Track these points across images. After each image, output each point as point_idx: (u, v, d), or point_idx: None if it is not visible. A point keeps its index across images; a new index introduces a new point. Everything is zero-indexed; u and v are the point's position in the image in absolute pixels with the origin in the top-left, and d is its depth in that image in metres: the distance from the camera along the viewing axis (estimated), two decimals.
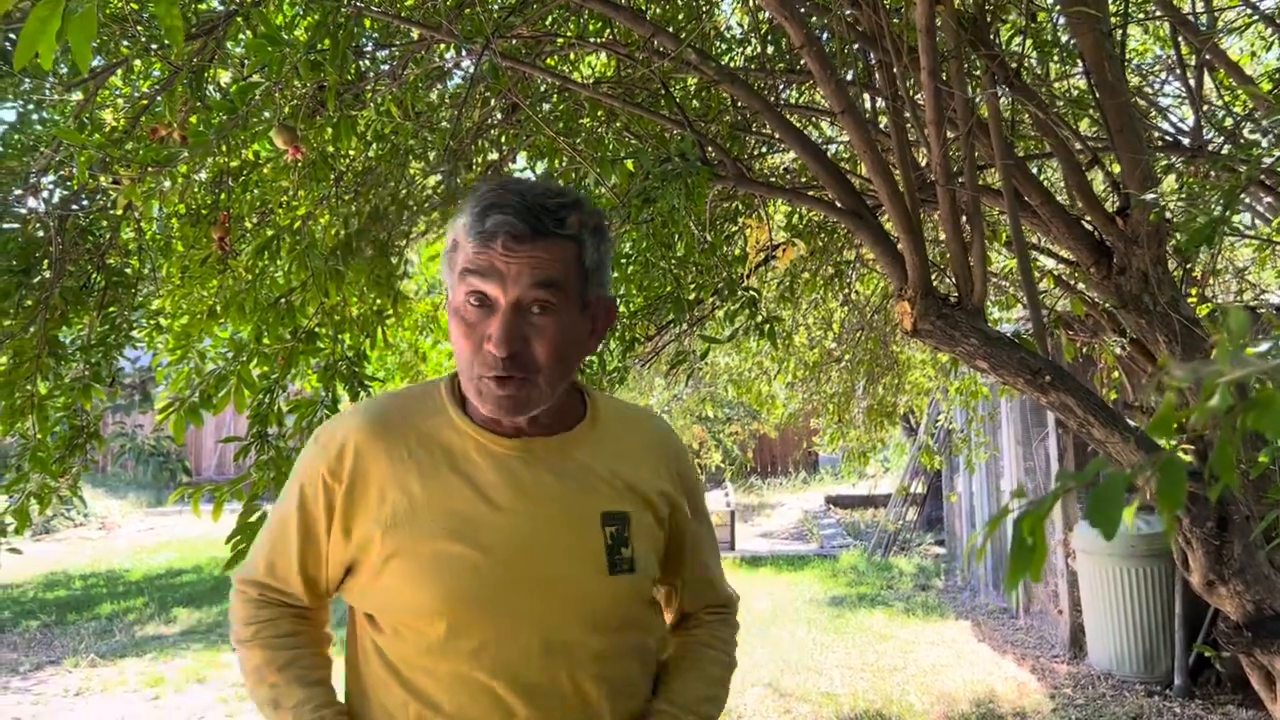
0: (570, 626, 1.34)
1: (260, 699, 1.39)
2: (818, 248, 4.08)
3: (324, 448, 1.38)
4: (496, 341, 1.29)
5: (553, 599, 1.33)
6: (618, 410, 1.52)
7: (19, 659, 6.86)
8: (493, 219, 1.29)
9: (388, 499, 1.34)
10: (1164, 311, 2.41)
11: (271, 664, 1.39)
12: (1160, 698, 5.30)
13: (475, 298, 1.31)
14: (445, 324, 4.01)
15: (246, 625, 1.43)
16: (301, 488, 1.39)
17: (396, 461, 1.36)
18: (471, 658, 1.31)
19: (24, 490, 2.73)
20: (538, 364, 1.32)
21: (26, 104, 2.61)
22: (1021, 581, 0.75)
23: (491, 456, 1.37)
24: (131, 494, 15.87)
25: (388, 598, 1.34)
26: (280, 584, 1.42)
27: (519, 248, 1.29)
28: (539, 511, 1.35)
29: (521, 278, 1.29)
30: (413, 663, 1.34)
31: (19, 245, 2.57)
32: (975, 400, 6.06)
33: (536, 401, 1.34)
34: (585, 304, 1.37)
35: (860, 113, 2.43)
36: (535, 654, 1.32)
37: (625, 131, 2.93)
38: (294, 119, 2.24)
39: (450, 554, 1.31)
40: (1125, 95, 2.44)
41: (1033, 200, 2.71)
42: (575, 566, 1.35)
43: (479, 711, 1.31)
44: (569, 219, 1.33)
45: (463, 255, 1.33)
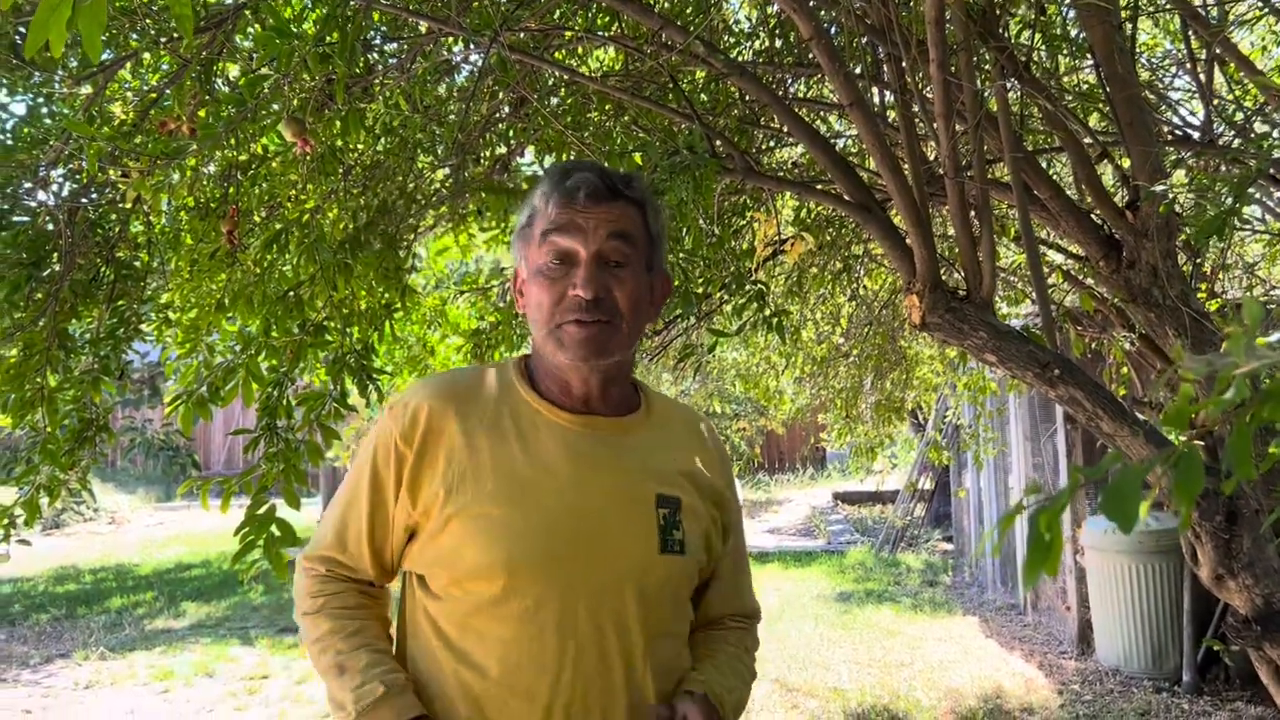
0: (621, 598, 1.38)
1: (324, 665, 1.40)
2: (826, 242, 4.07)
3: (397, 416, 1.44)
4: (583, 284, 1.39)
5: (606, 569, 1.38)
6: (669, 404, 1.61)
7: (29, 652, 6.89)
8: (574, 178, 1.42)
9: (454, 461, 1.39)
10: (1174, 305, 2.40)
11: (338, 632, 1.41)
12: (1168, 694, 5.29)
13: (558, 255, 1.42)
14: (454, 317, 4.02)
15: (313, 597, 1.45)
16: (375, 454, 1.44)
17: (466, 425, 1.41)
18: (524, 619, 1.34)
19: (34, 482, 2.73)
20: (619, 309, 1.42)
21: (36, 97, 2.61)
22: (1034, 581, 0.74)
23: (555, 429, 1.44)
24: (140, 489, 15.93)
25: (446, 556, 1.38)
26: (348, 558, 1.46)
27: (597, 205, 1.42)
28: (597, 485, 1.41)
29: (600, 230, 1.41)
30: (463, 624, 1.37)
31: (29, 238, 2.57)
32: (983, 396, 6.05)
33: (617, 346, 1.43)
34: (650, 267, 1.48)
35: (869, 106, 2.42)
36: (586, 621, 1.35)
37: (633, 125, 2.93)
38: (303, 112, 2.24)
39: (511, 516, 1.36)
40: (1135, 88, 2.42)
41: (1042, 194, 2.70)
42: (629, 540, 1.40)
43: (526, 675, 1.33)
44: (635, 185, 1.47)
45: (542, 219, 1.44)
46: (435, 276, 4.13)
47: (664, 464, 1.48)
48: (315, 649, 1.42)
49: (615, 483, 1.42)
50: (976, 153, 2.33)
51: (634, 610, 1.38)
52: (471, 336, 3.57)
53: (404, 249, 3.08)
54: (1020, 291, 5.00)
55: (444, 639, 1.38)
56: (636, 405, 1.53)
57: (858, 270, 4.80)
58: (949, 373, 6.09)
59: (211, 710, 5.59)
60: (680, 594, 1.47)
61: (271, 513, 2.47)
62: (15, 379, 2.60)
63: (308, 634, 1.44)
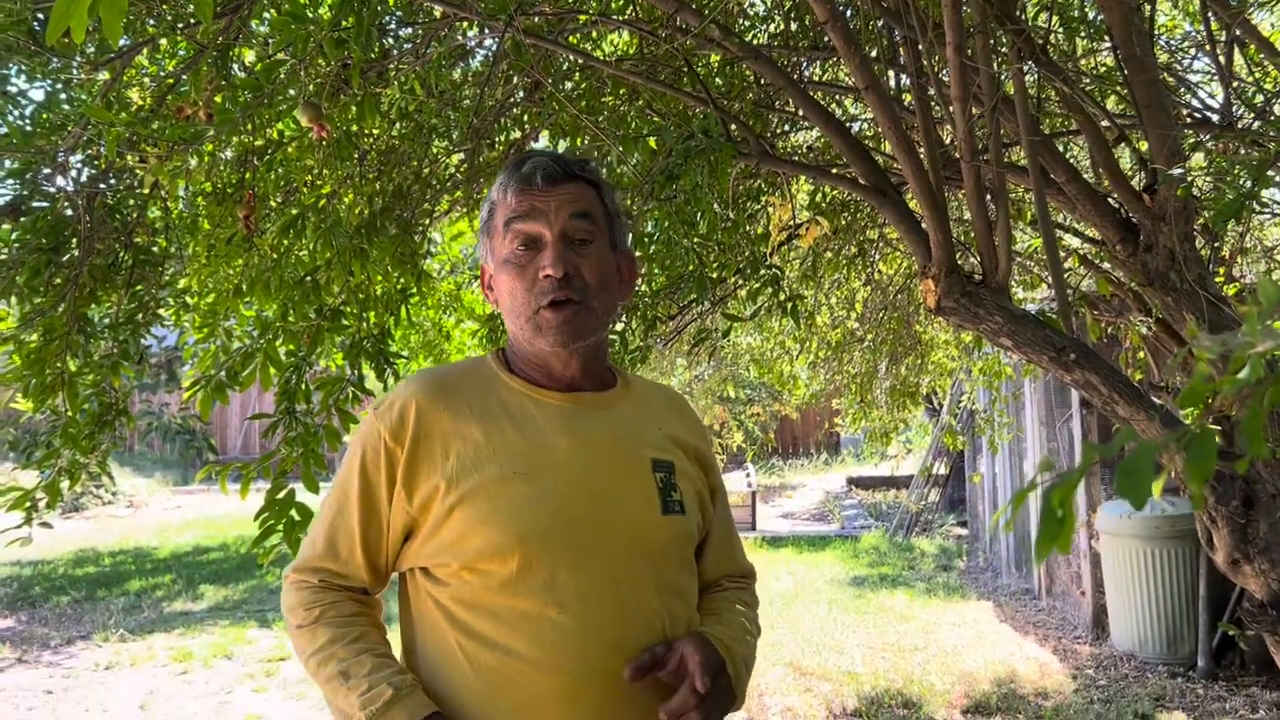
0: (632, 563, 1.40)
1: (327, 675, 1.37)
2: (841, 226, 4.06)
3: (383, 415, 1.44)
4: (551, 264, 1.42)
5: (615, 536, 1.40)
6: (644, 380, 1.66)
7: (50, 633, 6.97)
8: (528, 164, 1.46)
9: (451, 452, 1.40)
10: (1191, 289, 2.39)
11: (339, 640, 1.39)
12: (1183, 679, 5.29)
13: (523, 241, 1.45)
14: (469, 302, 4.04)
15: (308, 609, 1.43)
16: (362, 457, 1.44)
17: (458, 416, 1.43)
18: (541, 593, 1.35)
19: (55, 466, 2.76)
20: (589, 286, 1.45)
21: (54, 83, 2.63)
22: (1048, 558, 0.75)
23: (546, 408, 1.46)
24: (158, 473, 16.05)
25: (453, 545, 1.38)
26: (340, 566, 1.45)
27: (554, 187, 1.45)
28: (594, 456, 1.44)
29: (561, 211, 1.45)
30: (478, 606, 1.37)
31: (48, 224, 2.60)
32: (999, 380, 6.03)
33: (592, 327, 1.46)
34: (614, 245, 1.52)
35: (884, 89, 2.41)
36: (602, 588, 1.37)
37: (648, 109, 2.92)
38: (319, 97, 2.25)
39: (519, 493, 1.37)
40: (1153, 70, 2.41)
41: (1058, 178, 2.68)
42: (633, 505, 1.43)
43: (550, 648, 1.34)
44: (588, 166, 1.52)
45: (503, 209, 1.47)
46: (450, 262, 4.14)
47: (651, 431, 1.53)
48: (315, 661, 1.39)
49: (612, 452, 1.46)
50: (993, 136, 2.32)
51: (646, 572, 1.41)
52: (486, 321, 3.58)
53: (419, 234, 3.10)
54: (1035, 276, 4.97)
55: (459, 625, 1.38)
56: (614, 382, 1.57)
57: (873, 255, 4.79)
58: (964, 358, 6.07)
59: (230, 691, 5.65)
60: (685, 553, 1.50)
61: (291, 497, 2.50)
62: (36, 363, 2.62)
63: (306, 647, 1.41)
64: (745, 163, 2.80)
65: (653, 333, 3.64)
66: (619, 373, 1.60)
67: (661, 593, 1.42)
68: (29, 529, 2.74)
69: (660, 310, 3.58)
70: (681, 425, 1.60)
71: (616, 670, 1.35)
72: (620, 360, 3.28)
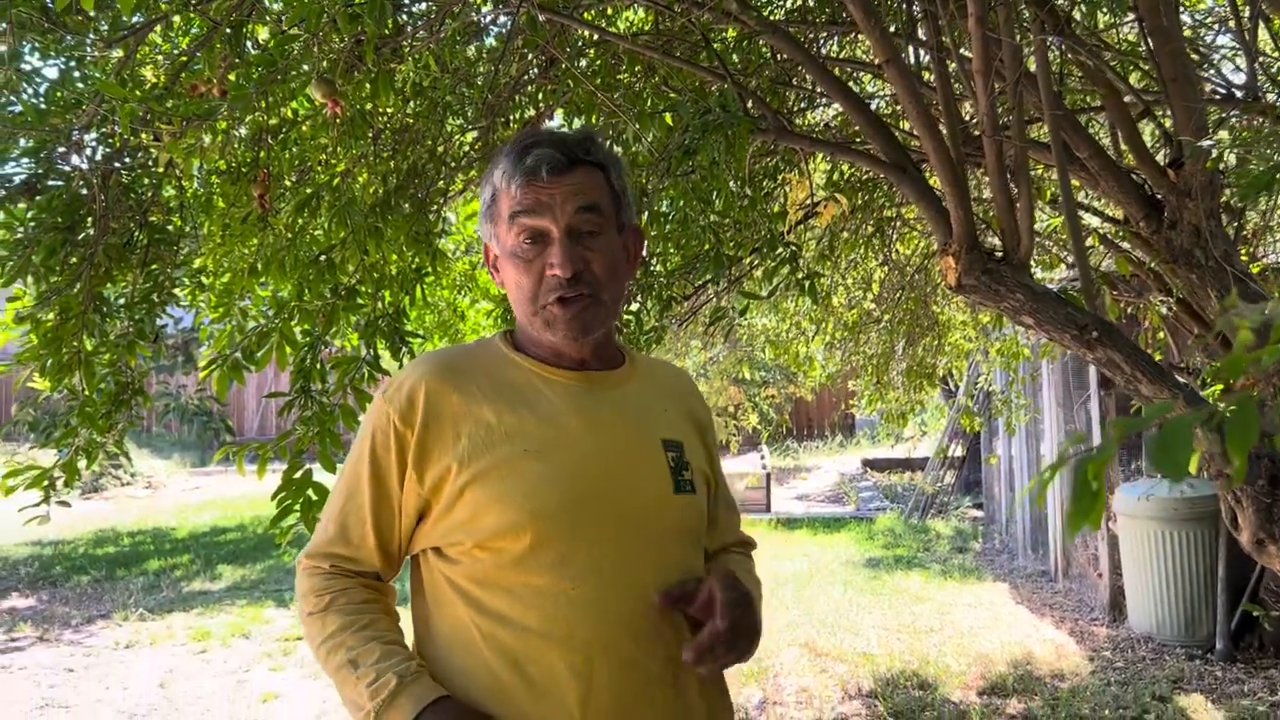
0: (644, 540, 1.40)
1: (336, 664, 1.36)
2: (859, 205, 4.03)
3: (391, 398, 1.43)
4: (560, 264, 1.39)
5: (628, 514, 1.40)
6: (648, 358, 1.66)
7: (71, 612, 7.03)
8: (533, 155, 1.40)
9: (462, 433, 1.39)
10: (1217, 266, 2.35)
11: (348, 628, 1.38)
12: (1201, 661, 5.26)
13: (529, 235, 1.41)
14: (484, 282, 4.02)
15: (319, 595, 1.42)
16: (372, 441, 1.42)
17: (468, 397, 1.41)
18: (554, 570, 1.35)
19: (72, 445, 2.77)
20: (599, 281, 1.43)
21: (68, 61, 2.61)
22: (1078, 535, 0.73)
23: (556, 387, 1.45)
24: (176, 454, 16.15)
25: (465, 524, 1.37)
26: (352, 551, 1.44)
27: (560, 178, 1.41)
28: (606, 434, 1.43)
29: (568, 205, 1.41)
30: (491, 583, 1.37)
31: (63, 202, 2.59)
32: (1016, 362, 5.99)
33: (602, 320, 1.45)
34: (621, 226, 1.49)
35: (904, 63, 2.38)
36: (614, 565, 1.37)
37: (664, 85, 2.89)
38: (332, 73, 2.23)
39: (532, 471, 1.36)
40: (1180, 42, 2.36)
41: (1081, 153, 2.64)
42: (646, 484, 1.43)
43: (562, 624, 1.34)
44: (593, 148, 1.46)
45: (507, 200, 1.43)
46: (465, 241, 4.12)
47: (660, 410, 1.52)
48: (325, 649, 1.38)
49: (623, 431, 1.45)
50: (1016, 110, 2.28)
51: (658, 551, 1.41)
52: (501, 301, 3.57)
53: (434, 213, 3.08)
54: (1055, 256, 4.93)
55: (472, 602, 1.37)
56: (621, 360, 1.55)
57: (890, 234, 4.75)
58: (981, 339, 6.03)
59: (248, 670, 5.69)
60: (696, 531, 1.50)
61: (308, 477, 2.49)
62: (52, 342, 2.62)
63: (316, 634, 1.40)
64: (762, 139, 2.77)
65: (668, 313, 3.62)
66: (626, 351, 1.59)
67: (673, 570, 1.42)
68: (47, 507, 2.75)
69: (675, 290, 3.56)
70: (687, 400, 1.60)
71: (629, 646, 1.36)
72: (635, 341, 3.26)
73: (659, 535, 1.42)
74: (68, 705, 5.15)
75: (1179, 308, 4.07)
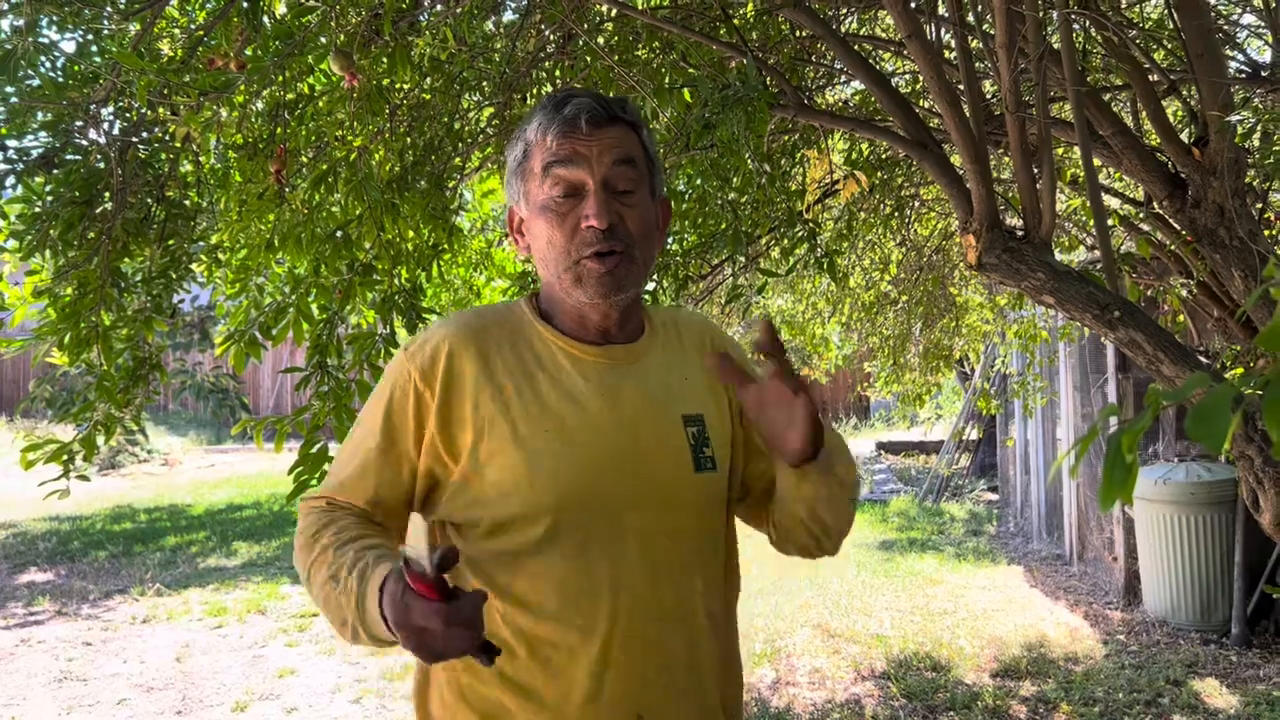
0: (665, 521, 1.37)
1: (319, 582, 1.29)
2: (877, 183, 4.00)
3: (414, 354, 1.39)
4: (596, 215, 1.35)
5: (648, 496, 1.37)
6: (661, 315, 1.58)
7: (88, 587, 7.10)
8: (571, 105, 1.37)
9: (482, 403, 1.35)
10: (1241, 246, 2.32)
11: (331, 546, 1.31)
12: (1216, 646, 5.24)
13: (563, 188, 1.37)
14: (500, 260, 4.01)
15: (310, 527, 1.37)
16: (390, 396, 1.39)
17: (489, 366, 1.38)
18: (573, 554, 1.33)
19: (91, 420, 2.78)
20: (633, 237, 1.39)
21: (86, 34, 2.61)
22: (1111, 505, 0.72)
23: (578, 363, 1.41)
24: (192, 431, 16.26)
25: (483, 501, 1.35)
26: (352, 497, 1.40)
27: (598, 130, 1.37)
28: (628, 413, 1.39)
29: (604, 157, 1.37)
30: (509, 565, 1.34)
31: (81, 177, 2.59)
32: (1034, 344, 5.95)
33: (634, 279, 1.40)
34: (653, 191, 1.45)
35: (927, 39, 2.35)
36: (634, 549, 1.35)
37: (682, 61, 2.87)
38: (350, 46, 2.22)
39: (552, 452, 1.33)
40: (1206, 18, 2.33)
41: (1104, 131, 2.61)
42: (666, 465, 1.39)
43: (581, 608, 1.32)
44: (628, 106, 1.43)
45: (541, 152, 1.39)
46: (481, 219, 4.11)
47: (682, 381, 1.47)
48: (313, 570, 1.32)
49: (644, 409, 1.41)
50: (1040, 85, 2.25)
51: (678, 531, 1.39)
52: (517, 280, 3.56)
53: (450, 190, 3.07)
54: (1074, 238, 4.89)
55: (491, 581, 1.35)
56: (642, 329, 1.51)
57: (909, 214, 4.72)
58: (999, 320, 5.99)
59: (263, 646, 5.73)
60: (717, 510, 1.47)
61: (324, 452, 2.50)
62: (70, 316, 2.63)
63: (304, 561, 1.35)
64: (782, 116, 2.75)
65: (684, 292, 3.60)
66: (647, 314, 1.53)
67: (694, 551, 1.41)
68: (66, 482, 2.77)
69: (692, 269, 3.54)
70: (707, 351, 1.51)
71: (649, 629, 1.34)
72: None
73: (680, 516, 1.39)
74: (85, 678, 5.20)
75: (1199, 290, 4.03)
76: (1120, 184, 4.47)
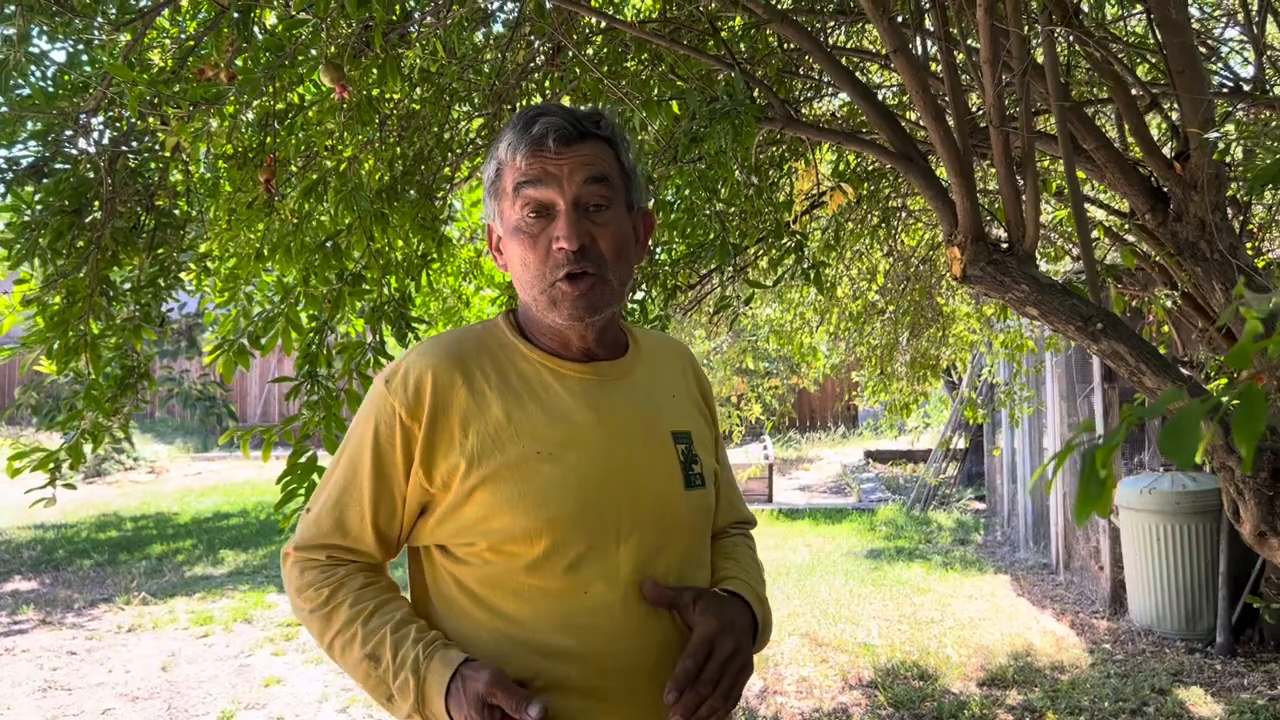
0: (657, 539, 1.38)
1: (353, 660, 1.33)
2: (864, 195, 4.02)
3: (397, 388, 1.37)
4: (566, 237, 1.33)
5: (641, 514, 1.37)
6: (646, 335, 1.59)
7: (73, 596, 7.06)
8: (540, 124, 1.35)
9: (471, 430, 1.34)
10: (1222, 259, 2.35)
11: (357, 619, 1.34)
12: (1201, 655, 5.27)
13: (534, 208, 1.36)
14: (489, 268, 4.02)
15: (319, 589, 1.37)
16: (376, 431, 1.37)
17: (477, 391, 1.37)
18: (567, 574, 1.32)
19: (78, 428, 2.78)
20: (605, 259, 1.37)
21: (76, 44, 2.61)
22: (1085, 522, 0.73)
23: (565, 381, 1.41)
24: (179, 439, 16.20)
25: (476, 525, 1.34)
26: (351, 542, 1.39)
27: (567, 149, 1.35)
28: (618, 431, 1.39)
29: (575, 175, 1.35)
30: (502, 586, 1.34)
31: (70, 186, 2.59)
32: (1021, 354, 5.99)
33: (609, 300, 1.39)
34: (630, 206, 1.43)
35: (912, 53, 2.37)
36: (627, 566, 1.34)
37: (670, 73, 2.89)
38: (341, 58, 2.23)
39: (545, 474, 1.33)
40: (1188, 34, 2.36)
41: (1087, 145, 2.64)
42: (657, 482, 1.40)
43: (576, 628, 1.32)
44: (603, 122, 1.41)
45: (512, 172, 1.37)
46: (470, 228, 4.12)
47: (668, 398, 1.48)
48: (338, 645, 1.35)
49: (634, 427, 1.40)
50: (1024, 100, 2.28)
51: (670, 548, 1.38)
52: (506, 289, 3.57)
53: (440, 199, 3.08)
54: (1059, 248, 4.92)
55: (483, 604, 1.35)
56: (626, 344, 1.50)
57: (895, 225, 4.75)
58: (985, 330, 6.03)
59: (250, 655, 5.71)
60: (706, 526, 1.48)
61: (313, 461, 2.50)
62: (59, 325, 2.63)
63: (323, 631, 1.36)
64: (769, 128, 2.77)
65: (672, 302, 3.62)
66: (629, 333, 1.54)
67: (685, 567, 1.40)
68: (53, 490, 2.76)
69: (680, 279, 3.56)
70: (689, 376, 1.56)
71: (642, 649, 1.34)
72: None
73: (671, 533, 1.39)
74: (70, 688, 5.18)
75: (1183, 301, 4.07)
76: (1105, 195, 4.51)
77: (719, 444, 1.61)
